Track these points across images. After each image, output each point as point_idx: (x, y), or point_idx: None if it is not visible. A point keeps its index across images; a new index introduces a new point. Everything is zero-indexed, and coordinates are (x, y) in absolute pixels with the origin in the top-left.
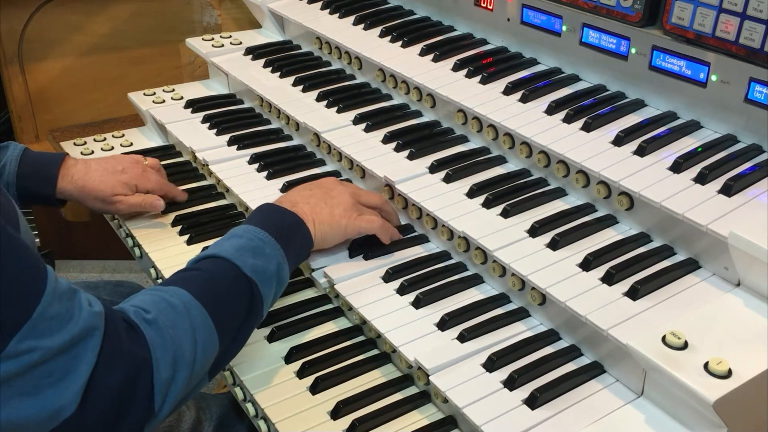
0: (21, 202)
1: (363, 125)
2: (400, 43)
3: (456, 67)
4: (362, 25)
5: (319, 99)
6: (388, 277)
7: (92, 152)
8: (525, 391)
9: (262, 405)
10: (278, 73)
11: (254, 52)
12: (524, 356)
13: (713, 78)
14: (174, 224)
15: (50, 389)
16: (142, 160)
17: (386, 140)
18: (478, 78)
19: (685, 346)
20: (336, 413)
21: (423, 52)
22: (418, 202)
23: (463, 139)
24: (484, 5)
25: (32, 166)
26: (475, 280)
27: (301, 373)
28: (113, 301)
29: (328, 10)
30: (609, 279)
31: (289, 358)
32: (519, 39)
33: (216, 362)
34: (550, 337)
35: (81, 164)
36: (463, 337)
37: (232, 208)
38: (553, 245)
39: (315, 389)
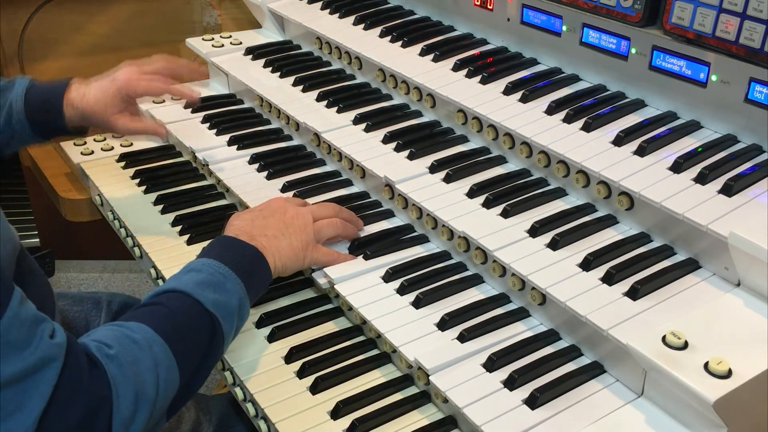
0: (43, 138)
1: (363, 125)
2: (400, 43)
3: (456, 67)
4: (362, 25)
5: (319, 99)
6: (388, 277)
7: (92, 152)
8: (525, 391)
9: (262, 405)
10: (278, 73)
11: (254, 52)
12: (524, 356)
13: (713, 78)
14: (174, 224)
15: (1, 423)
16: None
17: (386, 140)
18: (478, 78)
19: (685, 346)
20: (336, 413)
21: (423, 52)
22: (418, 202)
23: (463, 139)
24: (484, 5)
25: (38, 100)
26: (475, 280)
27: (301, 373)
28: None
29: (328, 10)
30: (609, 279)
31: (289, 358)
32: (519, 39)
33: (175, 400)
34: (550, 337)
35: (83, 87)
36: (463, 337)
37: (232, 208)
38: (553, 245)
39: (315, 389)
